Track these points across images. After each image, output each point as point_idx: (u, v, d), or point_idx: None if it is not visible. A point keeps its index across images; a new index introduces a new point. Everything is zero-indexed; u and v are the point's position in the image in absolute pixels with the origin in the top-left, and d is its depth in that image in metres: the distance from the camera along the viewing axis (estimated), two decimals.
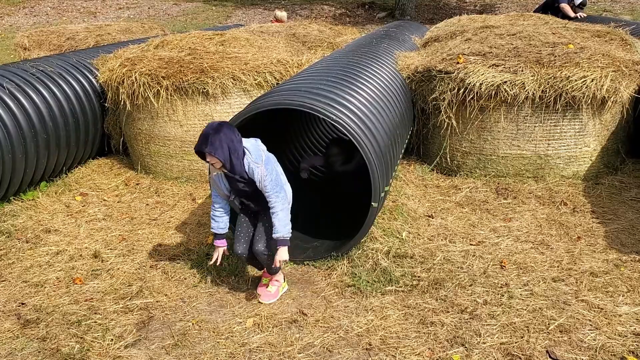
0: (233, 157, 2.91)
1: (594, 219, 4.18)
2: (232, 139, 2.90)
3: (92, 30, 8.17)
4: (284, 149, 5.07)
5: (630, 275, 3.40)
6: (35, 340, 3.01)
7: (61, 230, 4.27)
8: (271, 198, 3.04)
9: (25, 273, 3.68)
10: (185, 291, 3.44)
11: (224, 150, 2.87)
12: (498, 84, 4.54)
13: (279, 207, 3.03)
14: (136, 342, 2.98)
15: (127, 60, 5.21)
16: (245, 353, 2.85)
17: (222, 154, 2.87)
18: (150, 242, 4.07)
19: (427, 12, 17.04)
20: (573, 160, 4.77)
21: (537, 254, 3.70)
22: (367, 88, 4.08)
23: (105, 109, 5.54)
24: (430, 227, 4.11)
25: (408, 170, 5.13)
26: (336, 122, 3.36)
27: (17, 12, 17.95)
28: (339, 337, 2.95)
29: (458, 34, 5.97)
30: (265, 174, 3.00)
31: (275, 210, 3.03)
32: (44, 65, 5.31)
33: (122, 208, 4.67)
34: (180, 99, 4.91)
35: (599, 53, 4.72)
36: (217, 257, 3.27)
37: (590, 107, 4.56)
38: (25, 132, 4.59)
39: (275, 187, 3.03)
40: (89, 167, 5.59)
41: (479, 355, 2.77)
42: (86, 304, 3.31)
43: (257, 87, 4.99)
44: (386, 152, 3.71)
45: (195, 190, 4.99)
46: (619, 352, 2.75)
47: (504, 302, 3.17)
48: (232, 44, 5.52)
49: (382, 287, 3.36)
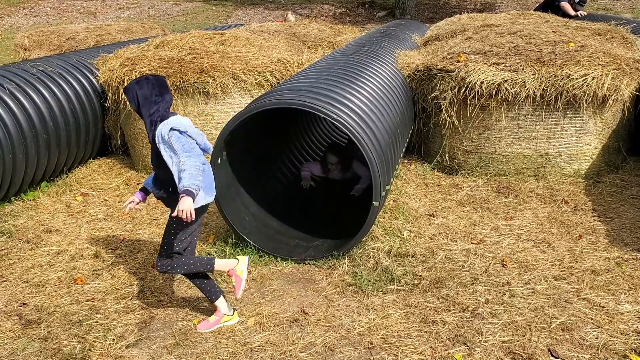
0: (143, 110, 2.85)
1: (595, 217, 4.17)
2: (146, 95, 2.84)
3: (92, 30, 8.17)
4: (285, 148, 5.07)
5: (631, 273, 3.40)
6: (36, 340, 3.01)
7: (62, 231, 4.27)
8: (180, 158, 2.76)
9: (27, 273, 3.68)
10: (186, 291, 3.44)
11: (134, 100, 2.85)
12: (499, 83, 4.54)
13: (189, 164, 2.75)
14: (138, 341, 2.98)
15: (127, 60, 5.21)
16: (247, 352, 2.85)
17: (133, 101, 2.86)
18: (151, 241, 4.07)
19: (427, 11, 17.02)
20: (574, 159, 4.76)
21: (538, 253, 3.69)
22: (368, 87, 4.08)
23: (106, 108, 5.54)
24: (432, 226, 4.11)
25: (409, 169, 5.12)
26: (337, 121, 3.36)
27: (17, 12, 17.95)
28: (340, 336, 2.95)
29: (458, 32, 5.96)
30: (167, 132, 2.78)
31: (184, 168, 2.74)
32: (45, 65, 5.31)
33: (123, 208, 4.66)
34: (180, 99, 4.91)
35: (599, 51, 4.71)
36: (126, 204, 3.12)
37: (591, 105, 4.55)
38: (25, 132, 4.59)
39: (182, 149, 2.77)
40: (89, 167, 5.59)
41: (480, 354, 2.76)
42: (87, 304, 3.31)
43: (257, 87, 4.99)
44: (387, 151, 3.71)
45: None
46: (621, 350, 2.75)
47: (505, 301, 3.16)
48: (233, 44, 5.52)
49: (383, 286, 3.36)
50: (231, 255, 3.73)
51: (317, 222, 4.26)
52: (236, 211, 3.92)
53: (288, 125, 5.08)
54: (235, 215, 3.88)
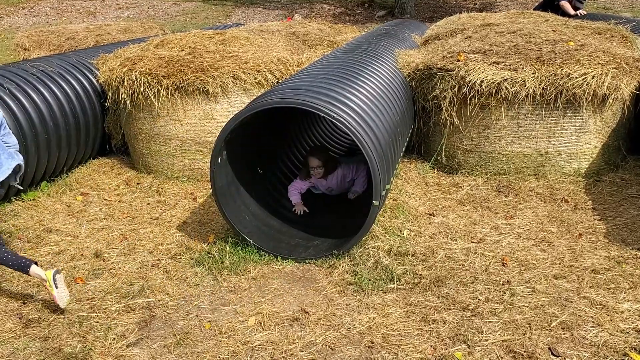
0: None
1: (595, 216, 4.17)
2: None
3: (92, 30, 8.18)
4: (285, 147, 5.07)
5: (632, 272, 3.40)
6: (37, 339, 3.01)
7: (62, 230, 4.27)
8: None
9: None
10: (187, 290, 3.44)
11: None
12: (499, 82, 4.54)
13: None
14: (138, 341, 2.98)
15: (127, 59, 5.21)
16: (248, 351, 2.85)
17: None
18: (151, 241, 4.07)
19: (427, 11, 17.02)
20: (574, 158, 4.77)
21: (538, 252, 3.70)
22: (368, 86, 4.08)
23: (106, 108, 5.54)
24: (432, 225, 4.11)
25: (409, 168, 5.13)
26: (337, 121, 3.36)
27: (17, 12, 17.95)
28: (341, 335, 2.95)
29: (458, 31, 5.96)
30: None
31: None
32: (44, 65, 5.31)
33: (123, 207, 4.67)
34: (180, 98, 4.91)
35: (599, 50, 4.71)
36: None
37: (590, 104, 4.56)
38: (25, 132, 4.59)
39: None
40: (89, 166, 5.59)
41: (481, 353, 2.77)
42: (88, 304, 3.31)
43: (257, 86, 4.99)
44: (387, 150, 3.71)
45: (196, 189, 4.99)
46: (621, 348, 2.75)
47: (505, 300, 3.17)
48: (232, 43, 5.52)
49: (383, 285, 3.36)
50: (231, 254, 3.73)
51: (317, 221, 4.26)
52: (236, 210, 3.93)
53: (288, 124, 5.08)
54: (235, 214, 3.88)
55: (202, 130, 4.99)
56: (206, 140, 5.00)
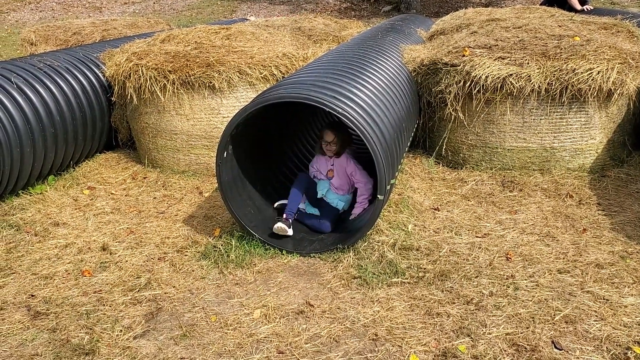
0: None
1: (600, 211, 4.18)
2: None
3: (98, 25, 8.20)
4: (290, 142, 5.08)
5: (635, 266, 3.41)
6: (45, 331, 3.05)
7: (69, 224, 4.31)
8: None
9: (35, 265, 3.72)
10: (193, 283, 3.47)
11: None
12: (504, 77, 4.54)
13: None
14: (145, 333, 3.01)
15: (133, 54, 5.23)
16: (253, 343, 2.88)
17: None
18: (157, 234, 4.10)
19: (433, 6, 16.98)
20: (579, 153, 4.77)
21: (542, 246, 3.71)
22: (373, 81, 4.09)
23: (112, 103, 5.57)
24: (436, 219, 4.12)
25: (414, 163, 5.14)
26: (342, 115, 3.37)
27: (23, 7, 18.00)
28: (345, 328, 2.98)
29: (464, 27, 5.96)
30: None
31: None
32: (51, 59, 5.34)
33: (129, 201, 4.71)
34: (186, 93, 4.93)
35: (605, 45, 4.70)
36: None
37: (596, 99, 4.55)
38: (33, 126, 4.62)
39: None
40: (96, 161, 5.63)
41: (484, 346, 2.78)
42: (95, 296, 3.34)
43: (263, 81, 5.00)
44: (392, 145, 3.73)
45: (202, 183, 5.02)
46: (624, 342, 2.76)
47: (509, 294, 3.18)
48: (238, 38, 5.54)
49: (388, 279, 3.38)
50: (237, 248, 3.76)
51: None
52: (242, 204, 3.95)
53: (293, 119, 5.10)
54: (241, 208, 3.91)
55: (208, 125, 5.02)
56: (212, 135, 5.03)
